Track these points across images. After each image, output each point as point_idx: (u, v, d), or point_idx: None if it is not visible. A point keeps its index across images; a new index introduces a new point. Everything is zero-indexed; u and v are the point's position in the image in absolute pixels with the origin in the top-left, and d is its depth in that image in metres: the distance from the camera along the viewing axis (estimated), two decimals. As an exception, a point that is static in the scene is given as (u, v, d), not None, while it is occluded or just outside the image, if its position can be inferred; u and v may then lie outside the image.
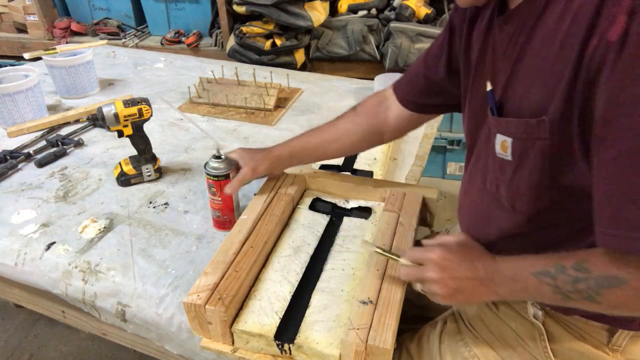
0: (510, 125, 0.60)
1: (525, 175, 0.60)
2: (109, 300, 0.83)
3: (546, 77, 0.55)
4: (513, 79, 0.61)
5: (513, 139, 0.60)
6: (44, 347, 1.66)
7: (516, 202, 0.63)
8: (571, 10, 0.51)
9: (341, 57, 2.02)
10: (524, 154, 0.59)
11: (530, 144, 0.58)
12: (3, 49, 2.48)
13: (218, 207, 0.91)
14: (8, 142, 1.26)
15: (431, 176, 2.46)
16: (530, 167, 0.59)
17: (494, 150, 0.64)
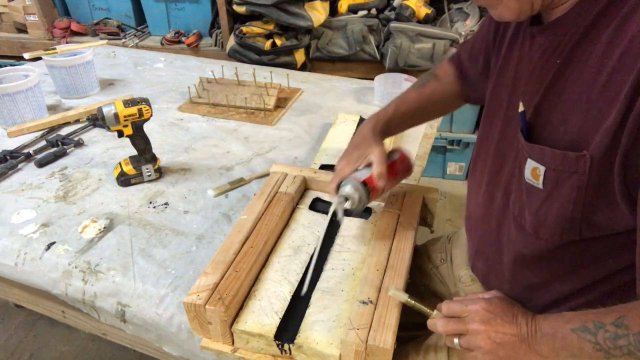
0: (546, 155, 0.56)
1: (555, 206, 0.58)
2: (109, 300, 0.83)
3: (589, 107, 0.52)
4: (547, 102, 0.57)
5: (547, 168, 0.57)
6: (44, 347, 1.66)
7: (541, 230, 0.61)
8: (623, 38, 0.48)
9: (341, 57, 2.02)
10: (557, 186, 0.56)
11: (565, 177, 0.55)
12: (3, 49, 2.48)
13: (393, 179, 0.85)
14: (8, 142, 1.26)
15: (431, 176, 2.46)
16: (563, 200, 0.56)
17: (523, 175, 0.61)
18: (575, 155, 0.53)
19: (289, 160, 1.18)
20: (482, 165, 0.75)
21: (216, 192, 1.05)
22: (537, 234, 0.62)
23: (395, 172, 0.85)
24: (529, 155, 0.59)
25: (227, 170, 1.14)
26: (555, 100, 0.56)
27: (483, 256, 0.78)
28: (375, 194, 0.80)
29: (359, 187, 0.78)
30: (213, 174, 1.13)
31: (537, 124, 0.59)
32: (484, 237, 0.76)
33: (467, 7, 2.02)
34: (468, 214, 0.81)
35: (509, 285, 0.74)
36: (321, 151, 1.16)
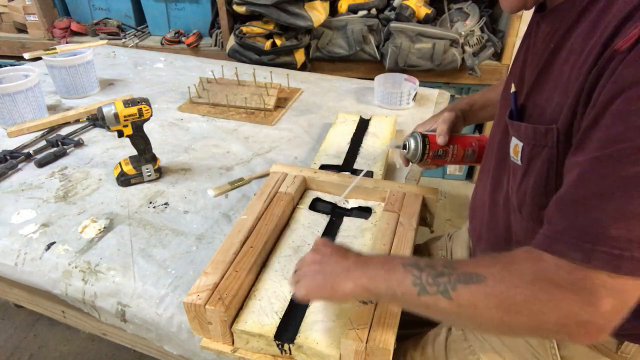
0: (521, 130, 0.60)
1: (531, 182, 0.60)
2: (109, 300, 0.83)
3: (566, 86, 0.54)
4: (538, 84, 0.60)
5: (524, 144, 0.60)
6: (44, 347, 1.66)
7: (523, 207, 0.63)
8: (604, 21, 0.50)
9: (341, 57, 2.02)
10: (531, 161, 0.59)
11: (538, 151, 0.58)
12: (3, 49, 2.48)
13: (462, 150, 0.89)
14: (8, 142, 1.26)
15: (431, 176, 2.46)
16: (536, 174, 0.59)
17: (509, 154, 0.64)
18: (545, 129, 0.55)
19: (289, 160, 1.18)
20: (491, 152, 0.76)
21: (216, 192, 1.05)
22: (520, 212, 0.64)
23: (465, 144, 0.89)
24: (512, 133, 0.62)
25: (227, 170, 1.14)
26: (544, 83, 0.58)
27: (482, 243, 0.79)
28: (435, 150, 0.87)
29: (417, 137, 0.87)
30: (213, 174, 1.13)
31: (528, 105, 0.61)
32: (489, 224, 0.76)
33: (467, 7, 2.02)
34: (474, 204, 0.82)
35: None
36: (321, 151, 1.16)
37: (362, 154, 1.14)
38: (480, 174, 0.81)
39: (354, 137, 1.21)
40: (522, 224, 0.66)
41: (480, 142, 0.91)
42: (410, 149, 0.88)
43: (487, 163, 0.78)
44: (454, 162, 0.91)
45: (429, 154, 0.87)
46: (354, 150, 1.16)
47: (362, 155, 1.14)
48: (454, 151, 0.89)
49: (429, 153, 0.87)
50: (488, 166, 0.76)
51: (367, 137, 1.21)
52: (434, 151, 0.88)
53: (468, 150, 0.90)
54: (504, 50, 1.97)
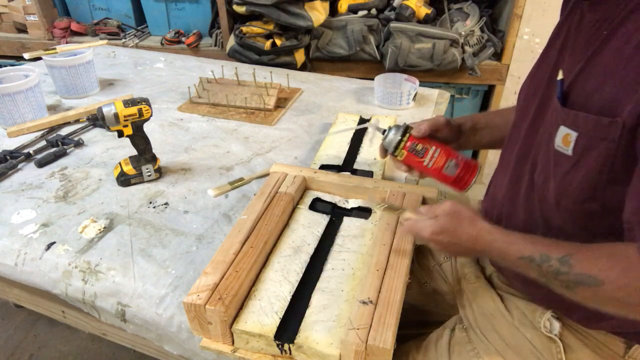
0: (580, 120, 0.57)
1: (581, 173, 0.59)
2: (109, 300, 0.83)
3: (625, 76, 0.53)
4: (587, 70, 0.58)
5: (579, 133, 0.58)
6: (44, 347, 1.66)
7: (563, 199, 0.62)
8: None
9: (341, 57, 2.02)
10: (586, 152, 0.57)
11: (595, 143, 0.56)
12: (3, 49, 2.48)
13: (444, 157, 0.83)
14: (8, 142, 1.26)
15: (431, 176, 2.46)
16: (590, 166, 0.57)
17: (552, 143, 0.62)
18: (608, 121, 0.54)
19: (289, 160, 1.18)
20: (512, 147, 0.75)
21: (216, 192, 1.05)
22: (559, 203, 0.63)
23: (449, 154, 0.84)
24: (562, 121, 0.60)
25: (227, 170, 1.14)
26: (594, 69, 0.57)
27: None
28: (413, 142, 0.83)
29: (399, 125, 0.85)
30: (213, 174, 1.13)
31: (573, 91, 0.60)
32: (510, 215, 0.75)
33: (467, 7, 2.01)
34: (492, 195, 0.81)
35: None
36: (321, 151, 1.16)
37: (362, 154, 1.14)
38: (499, 167, 0.81)
39: (353, 137, 1.21)
40: (556, 216, 0.65)
41: (467, 164, 0.84)
42: (389, 135, 0.85)
43: (507, 156, 0.77)
44: (431, 170, 0.85)
45: (406, 144, 0.83)
46: (354, 150, 1.16)
47: (362, 156, 1.14)
48: (434, 154, 0.83)
49: (406, 143, 0.83)
50: (508, 159, 0.76)
51: (367, 138, 1.21)
52: (412, 143, 0.83)
53: (451, 161, 0.83)
54: (504, 50, 1.97)
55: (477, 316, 0.80)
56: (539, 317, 0.72)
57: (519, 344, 0.73)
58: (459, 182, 0.84)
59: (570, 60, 0.62)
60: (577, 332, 0.70)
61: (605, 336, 0.67)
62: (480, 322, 0.79)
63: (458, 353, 0.78)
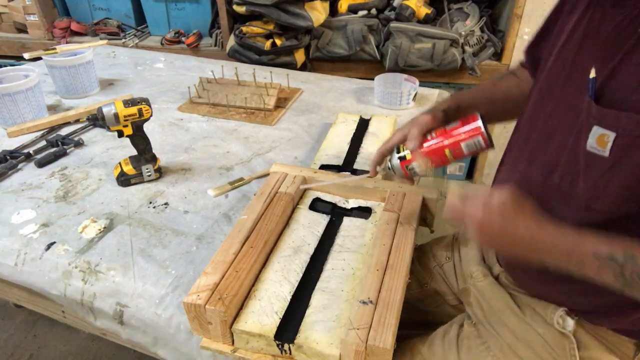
0: (620, 119, 0.54)
1: (620, 175, 0.56)
2: (108, 301, 0.83)
3: None
4: (622, 69, 0.56)
5: (618, 134, 0.55)
6: (44, 347, 1.66)
7: (597, 201, 0.59)
8: None
9: (341, 57, 2.02)
10: (627, 153, 0.55)
11: (636, 144, 0.54)
12: (3, 49, 2.48)
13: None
14: (8, 142, 1.26)
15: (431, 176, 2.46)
16: (630, 168, 0.55)
17: (582, 145, 0.59)
18: None
19: (289, 160, 1.18)
20: (521, 146, 0.73)
21: (216, 192, 1.05)
22: (590, 206, 0.60)
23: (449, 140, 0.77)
24: (597, 121, 0.57)
25: (227, 170, 1.14)
26: (631, 68, 0.55)
27: None
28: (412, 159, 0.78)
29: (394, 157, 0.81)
30: (213, 174, 1.13)
31: (609, 89, 0.57)
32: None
33: (467, 7, 2.02)
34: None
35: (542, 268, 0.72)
36: (321, 151, 1.16)
37: (362, 154, 1.14)
38: (499, 174, 0.79)
39: (354, 137, 1.21)
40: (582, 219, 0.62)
41: (464, 123, 0.77)
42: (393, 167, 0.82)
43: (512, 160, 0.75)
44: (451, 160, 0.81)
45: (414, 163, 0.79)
46: (354, 150, 1.16)
47: (362, 156, 1.14)
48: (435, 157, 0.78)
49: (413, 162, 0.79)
50: (514, 163, 0.74)
51: (367, 137, 1.21)
52: (408, 166, 0.80)
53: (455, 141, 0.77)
54: (504, 50, 1.97)
55: (486, 312, 0.79)
56: (551, 313, 0.71)
57: (531, 339, 0.72)
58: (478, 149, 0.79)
59: (600, 57, 0.59)
60: (589, 331, 0.69)
61: (615, 337, 0.67)
62: (489, 317, 0.78)
63: (467, 347, 0.77)
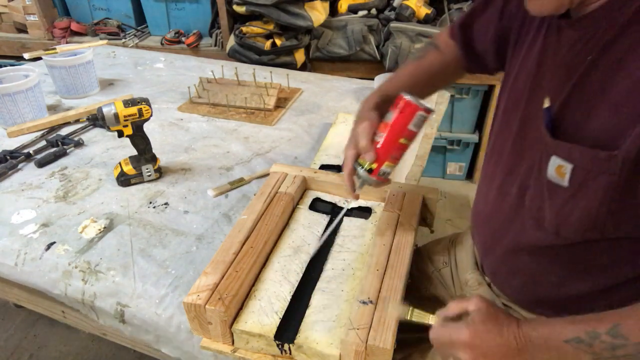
0: (574, 153, 0.54)
1: (581, 205, 0.56)
2: (109, 301, 0.83)
3: (620, 105, 0.50)
4: (575, 98, 0.55)
5: (575, 166, 0.55)
6: (44, 347, 1.66)
7: (563, 228, 0.60)
8: None
9: (341, 57, 2.02)
10: (584, 184, 0.54)
11: (593, 175, 0.53)
12: (3, 49, 2.48)
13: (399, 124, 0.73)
14: (8, 142, 1.26)
15: (431, 176, 2.46)
16: (589, 198, 0.54)
17: (544, 172, 0.59)
18: (607, 155, 0.51)
19: (289, 160, 1.18)
20: (497, 160, 0.73)
21: (216, 192, 1.05)
22: (558, 232, 0.60)
23: (398, 131, 0.72)
24: (553, 152, 0.57)
25: (227, 170, 1.14)
26: (584, 97, 0.54)
27: (493, 254, 0.77)
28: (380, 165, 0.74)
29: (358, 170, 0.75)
30: (213, 174, 1.13)
31: (563, 120, 0.57)
32: (494, 234, 0.75)
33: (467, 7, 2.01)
34: (477, 210, 0.80)
35: (522, 281, 0.73)
36: (321, 151, 1.16)
37: (362, 154, 1.14)
38: (482, 180, 0.79)
39: (354, 137, 1.21)
40: (553, 242, 0.62)
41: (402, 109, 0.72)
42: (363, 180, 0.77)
43: (490, 170, 0.75)
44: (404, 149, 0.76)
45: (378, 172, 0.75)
46: (354, 150, 1.16)
47: (362, 155, 1.14)
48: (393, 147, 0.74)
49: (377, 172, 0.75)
50: (491, 177, 0.73)
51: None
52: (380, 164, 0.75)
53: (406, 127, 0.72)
54: (504, 50, 1.97)
55: None
56: None
57: None
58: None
59: (554, 85, 0.59)
60: None
61: None
62: None
63: None
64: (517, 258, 0.70)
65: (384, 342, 0.64)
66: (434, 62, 0.87)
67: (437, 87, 0.92)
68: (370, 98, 0.82)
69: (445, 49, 0.87)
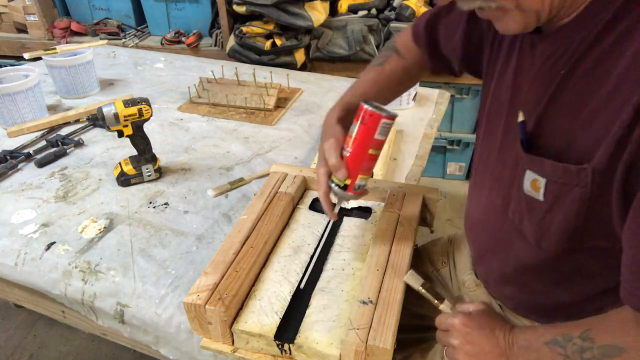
0: (546, 167, 0.55)
1: (558, 218, 0.56)
2: (109, 301, 0.83)
3: (593, 119, 0.50)
4: (550, 113, 0.56)
5: (548, 180, 0.55)
6: (44, 347, 1.66)
7: (544, 240, 0.60)
8: (628, 50, 0.47)
9: (341, 57, 2.02)
10: (559, 198, 0.55)
11: (567, 189, 0.54)
12: (3, 49, 2.48)
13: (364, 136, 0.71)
14: (8, 142, 1.26)
15: (431, 176, 2.46)
16: (565, 211, 0.55)
17: (522, 186, 0.60)
18: (577, 169, 0.52)
19: (289, 160, 1.18)
20: (483, 168, 0.73)
21: (216, 192, 1.05)
22: (539, 244, 0.61)
23: (364, 143, 0.71)
24: (528, 166, 0.58)
25: (227, 170, 1.14)
26: (559, 112, 0.55)
27: (485, 261, 0.78)
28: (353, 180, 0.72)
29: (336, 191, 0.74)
30: (213, 174, 1.13)
31: (539, 135, 0.57)
32: (484, 243, 0.76)
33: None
34: (468, 215, 0.80)
35: (512, 289, 0.74)
36: (321, 151, 1.16)
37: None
38: (471, 187, 0.79)
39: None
40: (536, 253, 0.63)
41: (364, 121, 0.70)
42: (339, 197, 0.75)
43: (478, 178, 0.74)
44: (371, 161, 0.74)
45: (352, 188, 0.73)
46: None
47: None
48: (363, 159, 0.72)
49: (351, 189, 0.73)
50: (480, 182, 0.74)
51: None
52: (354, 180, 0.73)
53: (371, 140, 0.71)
54: (504, 50, 1.97)
55: None
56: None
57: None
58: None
59: (529, 100, 0.59)
60: None
61: None
62: None
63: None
64: (506, 268, 0.71)
65: (384, 342, 0.64)
66: (395, 67, 0.86)
67: (401, 92, 0.92)
68: (333, 111, 0.81)
69: (406, 54, 0.86)
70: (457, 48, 0.78)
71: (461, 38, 0.76)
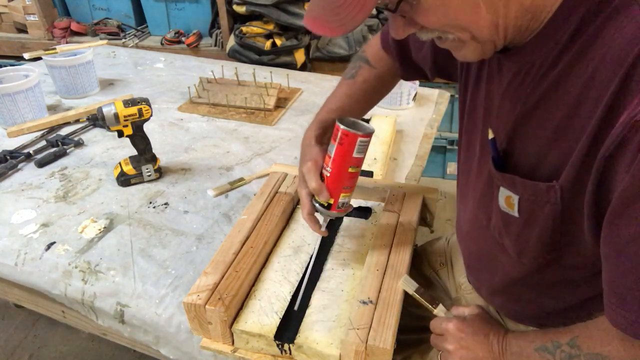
0: (517, 185, 0.56)
1: (535, 233, 0.57)
2: (109, 301, 0.83)
3: (558, 136, 0.51)
4: (519, 131, 0.56)
5: (520, 197, 0.56)
6: (44, 347, 1.66)
7: (524, 254, 0.61)
8: (587, 67, 0.47)
9: (341, 57, 2.02)
10: (532, 214, 0.56)
11: (540, 206, 0.54)
12: (3, 49, 2.48)
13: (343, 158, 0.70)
14: (8, 142, 1.26)
15: (431, 176, 2.46)
16: (540, 227, 0.56)
17: (497, 202, 0.60)
18: (546, 186, 0.52)
19: (289, 160, 1.18)
20: (466, 182, 0.73)
21: (216, 192, 1.05)
22: (520, 257, 0.62)
23: (344, 163, 0.70)
24: (500, 183, 0.58)
25: (227, 170, 1.14)
26: (527, 131, 0.55)
27: (475, 272, 0.79)
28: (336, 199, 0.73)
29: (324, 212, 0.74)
30: (213, 174, 1.13)
31: (512, 153, 0.58)
32: (473, 254, 0.77)
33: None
34: (459, 226, 0.80)
35: (502, 299, 0.75)
36: (321, 151, 1.16)
37: (362, 154, 1.14)
38: (458, 203, 0.79)
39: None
40: (519, 265, 0.64)
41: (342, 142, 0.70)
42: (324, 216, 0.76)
43: (464, 189, 0.74)
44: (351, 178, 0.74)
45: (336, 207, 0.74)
46: (354, 150, 1.16)
47: (362, 155, 1.14)
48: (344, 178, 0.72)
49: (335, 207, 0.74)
50: (464, 195, 0.73)
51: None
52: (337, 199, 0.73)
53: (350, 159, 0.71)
54: (504, 50, 1.97)
55: None
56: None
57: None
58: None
59: (500, 117, 0.59)
60: None
61: None
62: None
63: None
64: (494, 279, 0.72)
65: (384, 342, 0.64)
66: (367, 77, 0.86)
67: (377, 100, 0.92)
68: (310, 131, 0.81)
69: (377, 63, 0.85)
70: (427, 57, 0.78)
71: (430, 49, 0.76)
